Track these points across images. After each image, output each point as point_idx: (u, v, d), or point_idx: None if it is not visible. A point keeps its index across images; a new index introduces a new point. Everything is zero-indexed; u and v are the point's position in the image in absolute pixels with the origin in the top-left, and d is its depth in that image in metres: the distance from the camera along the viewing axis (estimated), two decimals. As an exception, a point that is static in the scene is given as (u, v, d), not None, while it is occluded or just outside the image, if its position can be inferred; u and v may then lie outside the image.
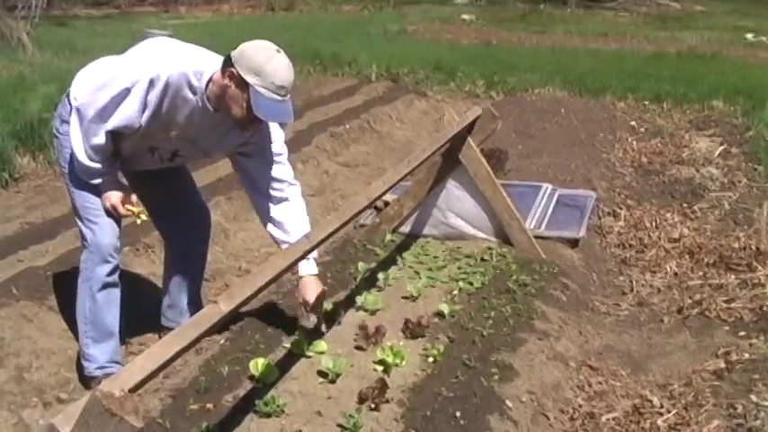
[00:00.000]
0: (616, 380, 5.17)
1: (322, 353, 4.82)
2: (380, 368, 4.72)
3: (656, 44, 20.82)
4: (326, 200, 8.88)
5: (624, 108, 13.20)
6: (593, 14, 28.28)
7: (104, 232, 5.02)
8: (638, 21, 26.96)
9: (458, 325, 5.32)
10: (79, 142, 4.78)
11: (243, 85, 4.47)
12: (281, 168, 5.16)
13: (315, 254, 4.94)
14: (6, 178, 8.78)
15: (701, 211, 8.13)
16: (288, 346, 4.95)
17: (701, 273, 6.72)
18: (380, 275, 6.01)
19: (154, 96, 4.62)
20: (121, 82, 4.60)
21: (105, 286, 5.09)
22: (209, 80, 4.64)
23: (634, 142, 10.88)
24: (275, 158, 5.13)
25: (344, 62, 15.80)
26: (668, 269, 6.86)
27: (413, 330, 5.14)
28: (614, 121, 12.14)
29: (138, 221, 5.04)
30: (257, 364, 4.59)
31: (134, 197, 5.01)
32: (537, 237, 6.77)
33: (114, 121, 4.65)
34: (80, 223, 5.09)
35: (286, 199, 5.15)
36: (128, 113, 4.63)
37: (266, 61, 4.45)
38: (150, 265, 6.67)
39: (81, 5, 28.46)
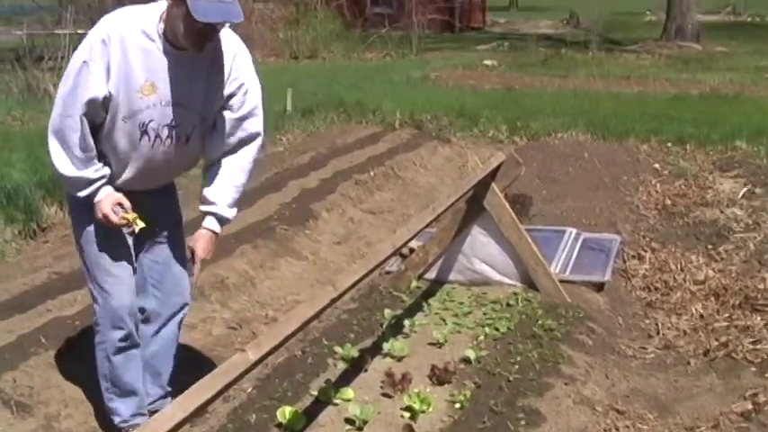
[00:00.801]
0: (643, 423, 5.15)
1: (349, 400, 4.84)
2: (407, 415, 4.74)
3: (678, 86, 20.81)
4: (352, 247, 8.91)
5: (647, 151, 13.17)
6: (615, 57, 28.30)
7: (115, 296, 4.81)
8: (660, 63, 26.96)
9: (484, 370, 5.33)
10: (59, 150, 4.53)
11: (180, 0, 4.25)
12: (252, 128, 4.84)
13: (231, 213, 4.89)
14: (34, 228, 8.86)
15: (726, 253, 8.11)
16: (315, 393, 4.97)
17: (726, 314, 6.70)
18: (407, 322, 6.03)
19: (114, 58, 4.37)
20: (79, 60, 4.39)
21: (121, 350, 4.92)
22: (160, 20, 4.45)
23: (658, 185, 10.88)
24: (252, 114, 4.80)
25: (368, 109, 15.81)
26: (694, 311, 6.84)
27: (439, 376, 5.16)
28: (638, 163, 12.13)
29: (136, 228, 4.64)
30: (285, 412, 4.62)
31: (126, 203, 4.62)
32: (562, 281, 6.78)
33: (83, 98, 4.37)
34: (90, 285, 4.91)
35: (240, 160, 4.85)
36: (92, 84, 4.37)
37: None
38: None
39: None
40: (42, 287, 6.99)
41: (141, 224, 4.63)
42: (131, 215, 4.61)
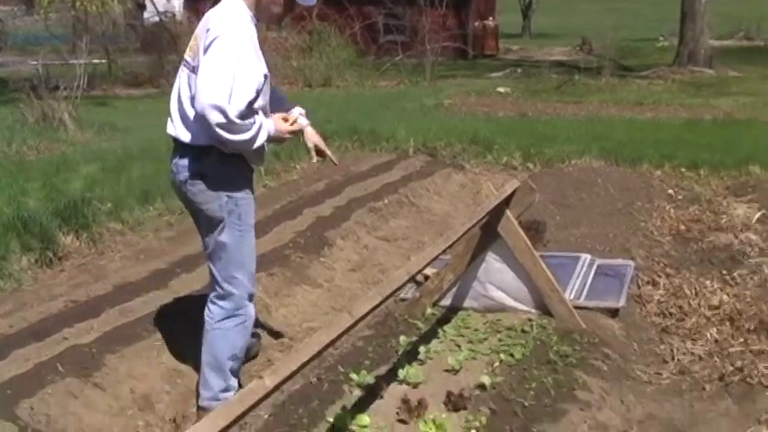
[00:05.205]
0: (659, 449, 5.17)
1: (365, 426, 4.86)
2: (424, 441, 4.76)
3: (692, 111, 20.79)
4: (366, 274, 8.93)
5: (661, 176, 13.14)
6: (628, 83, 28.27)
7: (252, 281, 5.79)
8: (673, 88, 26.93)
9: (499, 396, 5.34)
10: (234, 135, 5.21)
11: None
12: None
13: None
14: (50, 257, 8.90)
15: (741, 278, 8.08)
16: (331, 420, 4.99)
17: (741, 339, 6.68)
18: (422, 349, 6.05)
19: (253, 43, 5.39)
20: (232, 58, 5.20)
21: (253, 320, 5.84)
22: (249, 8, 5.45)
23: (672, 210, 10.86)
24: None
25: (382, 137, 15.77)
26: (709, 336, 6.82)
27: (455, 403, 5.18)
28: (651, 189, 12.12)
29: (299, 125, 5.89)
30: (301, 439, 4.64)
31: (284, 114, 5.80)
32: (577, 307, 6.79)
33: (253, 85, 5.28)
34: (237, 272, 5.64)
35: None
36: (254, 71, 5.33)
37: None
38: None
39: (121, 86, 28.88)
40: (59, 315, 7.02)
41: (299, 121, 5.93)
42: (291, 118, 5.84)
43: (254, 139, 5.32)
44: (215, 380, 5.70)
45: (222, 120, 5.08)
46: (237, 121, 5.14)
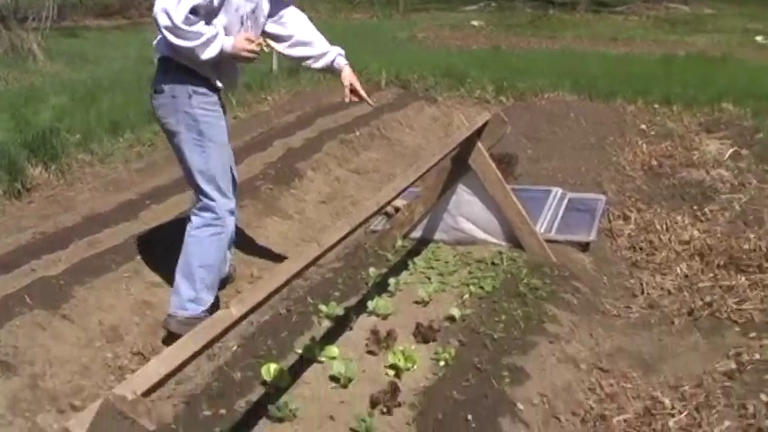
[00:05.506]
0: (627, 381, 5.18)
1: (334, 358, 4.84)
2: (392, 372, 4.74)
3: (666, 47, 20.71)
4: (337, 206, 8.90)
5: (634, 111, 13.14)
6: (602, 18, 28.19)
7: (230, 190, 5.89)
8: (648, 24, 26.86)
9: (469, 329, 5.33)
10: (181, 40, 5.27)
11: None
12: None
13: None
14: (19, 188, 8.83)
15: (712, 213, 8.09)
16: (300, 351, 4.98)
17: (711, 274, 6.70)
18: (392, 281, 6.03)
19: None
20: None
21: (229, 236, 5.98)
22: None
23: (644, 145, 10.84)
24: None
25: (354, 69, 15.59)
26: (679, 271, 6.84)
27: (424, 334, 5.16)
28: (624, 124, 12.12)
29: (266, 48, 5.82)
30: (269, 370, 4.61)
31: (250, 35, 5.62)
32: (547, 240, 6.77)
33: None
34: (206, 186, 5.75)
35: (302, 23, 6.33)
36: None
37: None
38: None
39: (92, 16, 28.56)
40: (27, 247, 6.98)
41: (267, 43, 5.90)
42: (258, 40, 5.63)
43: (201, 47, 5.33)
44: (184, 288, 5.79)
45: (168, 23, 5.17)
46: (182, 25, 5.19)
